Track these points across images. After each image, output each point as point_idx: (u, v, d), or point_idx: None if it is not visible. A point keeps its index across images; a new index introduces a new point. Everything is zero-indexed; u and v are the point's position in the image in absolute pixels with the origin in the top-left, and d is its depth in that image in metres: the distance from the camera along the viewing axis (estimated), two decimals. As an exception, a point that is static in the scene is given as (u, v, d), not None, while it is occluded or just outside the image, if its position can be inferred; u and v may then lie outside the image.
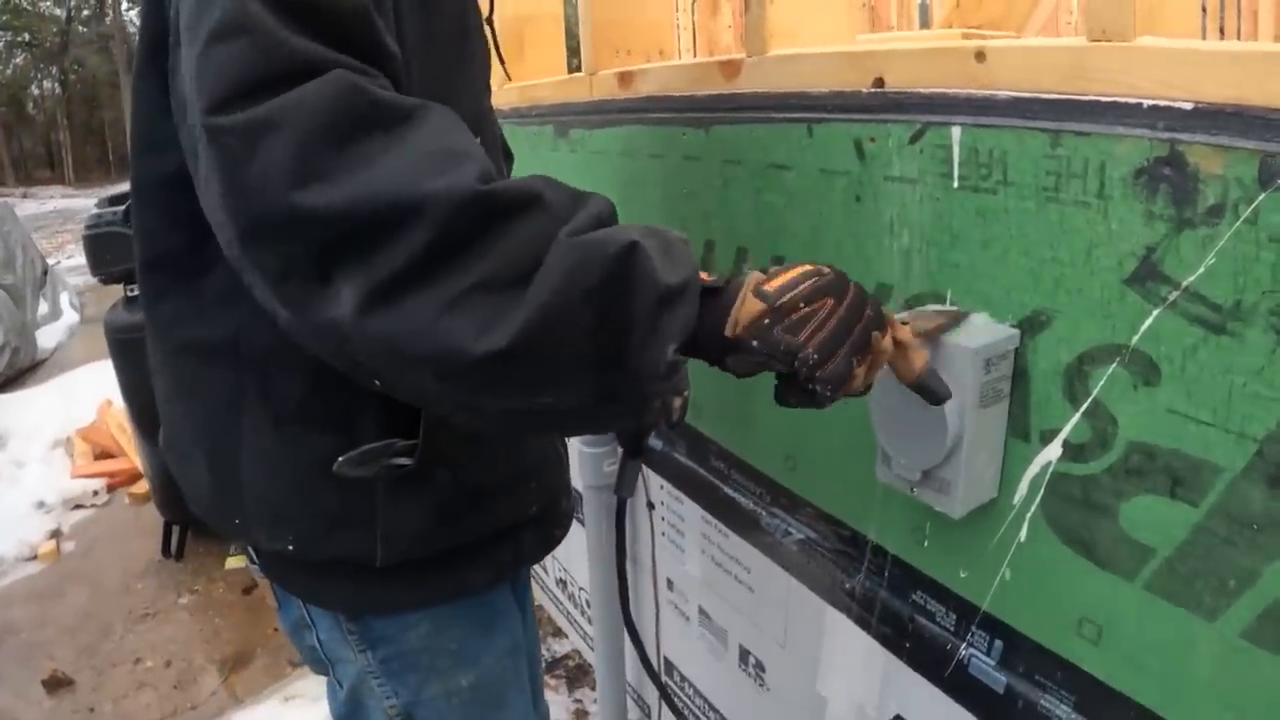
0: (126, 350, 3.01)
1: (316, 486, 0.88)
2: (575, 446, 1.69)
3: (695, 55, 3.34)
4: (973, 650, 0.99)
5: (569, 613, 2.37)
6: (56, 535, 3.53)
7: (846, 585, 1.17)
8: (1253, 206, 0.66)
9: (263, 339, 0.86)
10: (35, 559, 3.36)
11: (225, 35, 0.64)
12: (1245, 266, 0.68)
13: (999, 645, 0.96)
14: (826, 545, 1.21)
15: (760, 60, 1.15)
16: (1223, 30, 3.40)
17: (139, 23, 0.88)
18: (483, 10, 1.05)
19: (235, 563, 3.19)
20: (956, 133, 0.89)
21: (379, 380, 0.70)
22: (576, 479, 1.64)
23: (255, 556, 1.03)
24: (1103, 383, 0.81)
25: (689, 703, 1.72)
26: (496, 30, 1.81)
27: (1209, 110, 0.68)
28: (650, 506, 1.70)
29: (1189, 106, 0.69)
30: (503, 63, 1.90)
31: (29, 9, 33.25)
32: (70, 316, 7.40)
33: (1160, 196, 0.72)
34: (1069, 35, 2.96)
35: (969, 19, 1.63)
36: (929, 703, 1.05)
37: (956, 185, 0.91)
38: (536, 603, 2.39)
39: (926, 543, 1.04)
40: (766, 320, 0.71)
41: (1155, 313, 0.75)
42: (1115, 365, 0.79)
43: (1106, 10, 0.74)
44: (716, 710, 1.62)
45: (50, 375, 5.59)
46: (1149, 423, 0.77)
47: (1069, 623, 0.88)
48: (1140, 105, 0.72)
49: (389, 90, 0.68)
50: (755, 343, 0.71)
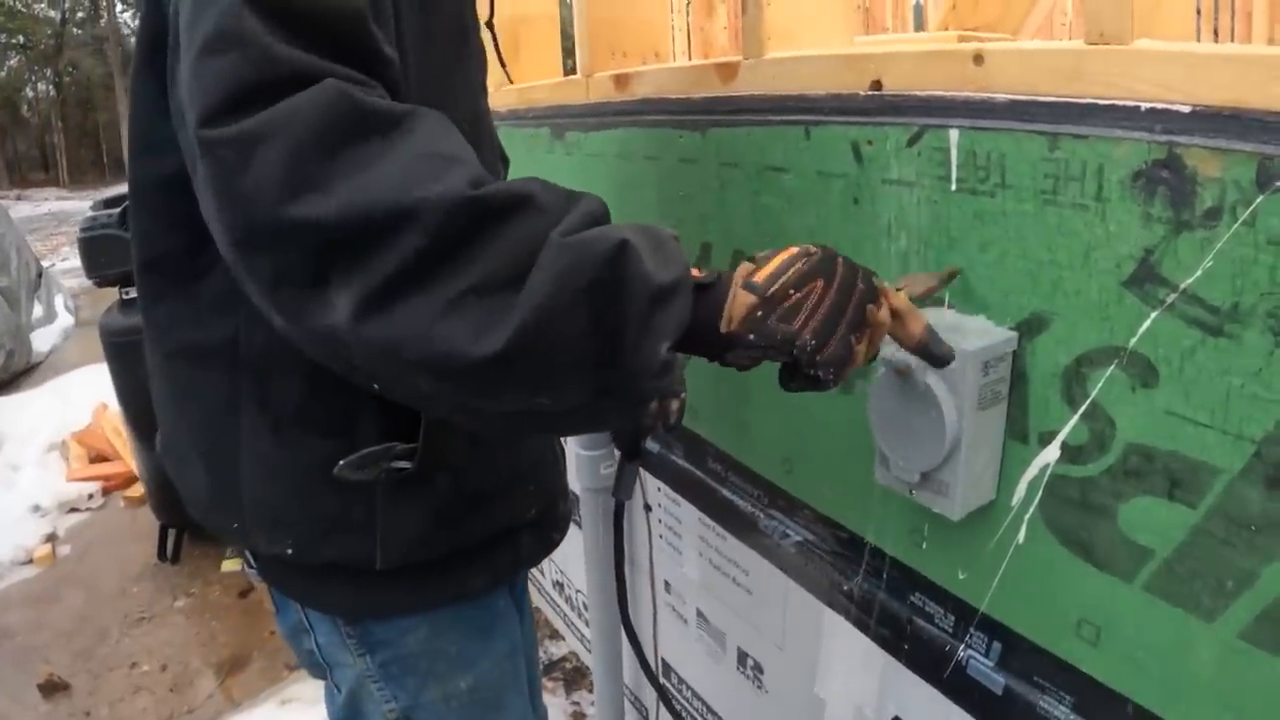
0: (122, 353, 3.00)
1: (316, 490, 0.88)
2: (572, 449, 1.69)
3: (690, 57, 3.34)
4: (971, 651, 0.99)
5: (566, 615, 2.37)
6: (52, 539, 3.51)
7: (845, 587, 1.17)
8: (1250, 209, 0.66)
9: (261, 342, 0.86)
10: (31, 563, 3.35)
11: (217, 47, 0.64)
12: (1243, 269, 0.68)
13: (997, 646, 0.96)
14: (825, 547, 1.21)
15: (757, 62, 1.15)
16: (1217, 32, 3.41)
17: (137, 23, 0.88)
18: (482, 13, 1.06)
19: (231, 566, 3.18)
20: (954, 135, 0.90)
21: (377, 384, 0.70)
22: (574, 482, 1.64)
23: (253, 560, 1.02)
24: (1101, 385, 0.81)
25: (687, 705, 1.72)
26: (495, 31, 1.81)
27: (1207, 113, 0.68)
28: (648, 509, 1.70)
29: (1187, 109, 0.69)
30: (503, 65, 1.91)
31: (23, 11, 33.17)
32: (65, 319, 7.38)
33: (1158, 199, 0.73)
34: (1063, 38, 2.97)
35: (965, 21, 1.63)
36: (927, 704, 1.05)
37: (954, 188, 0.91)
38: (533, 605, 2.39)
39: (925, 544, 1.04)
40: (759, 312, 0.71)
41: (1153, 315, 0.75)
42: (1113, 367, 0.79)
43: (1105, 13, 0.74)
44: (714, 712, 1.62)
45: (45, 378, 5.56)
46: (1147, 424, 0.78)
47: (1067, 624, 0.88)
48: (1138, 108, 0.73)
49: (382, 98, 0.68)
50: (751, 336, 0.71)
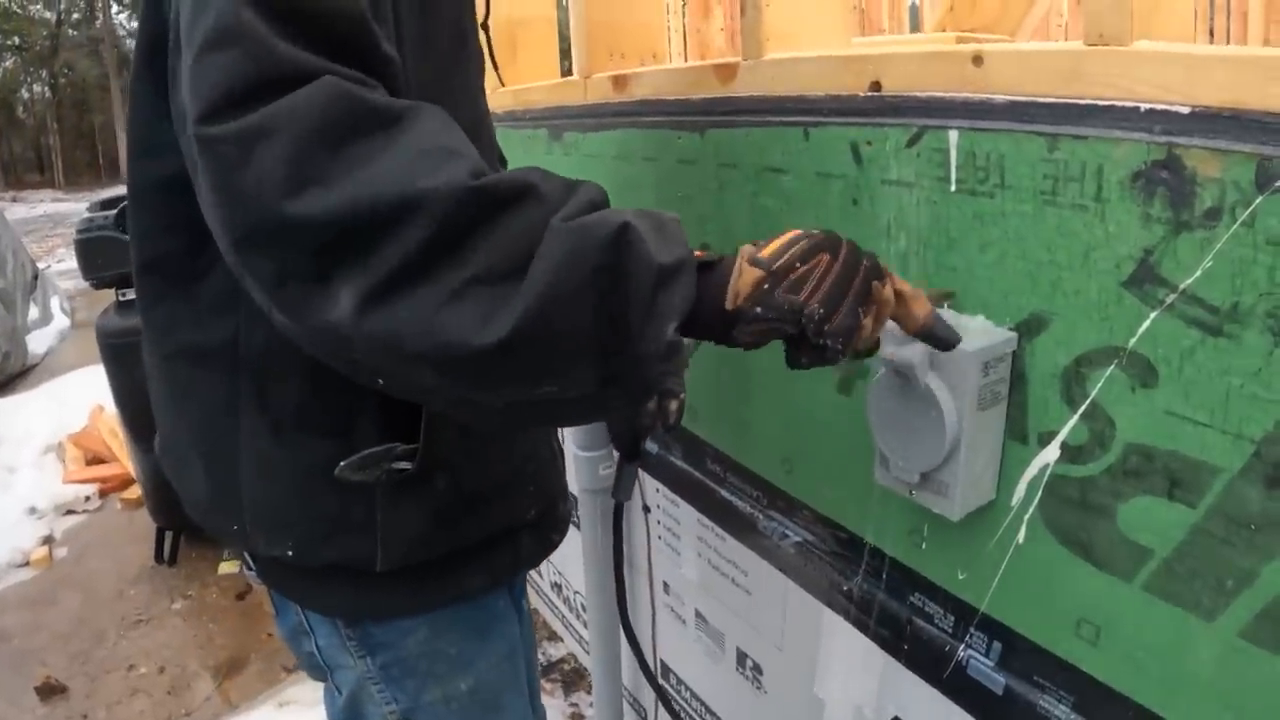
0: (119, 355, 2.99)
1: (316, 490, 0.87)
2: (571, 450, 1.69)
3: (686, 58, 3.34)
4: (971, 651, 0.99)
5: (564, 616, 2.37)
6: (49, 541, 3.51)
7: (844, 587, 1.17)
8: (1250, 209, 0.67)
9: (260, 342, 0.85)
10: (27, 565, 3.34)
11: (218, 44, 0.64)
12: (1242, 269, 0.68)
13: (997, 646, 0.96)
14: (824, 548, 1.21)
15: (756, 64, 1.15)
16: (1212, 32, 3.41)
17: (137, 25, 0.88)
18: (478, 14, 1.05)
19: (228, 568, 3.17)
20: (954, 136, 0.90)
21: (380, 380, 0.70)
22: (572, 483, 1.64)
23: (252, 562, 1.02)
24: (1100, 385, 0.81)
25: (686, 706, 1.72)
26: (490, 32, 1.81)
27: (1206, 114, 0.68)
28: (646, 510, 1.70)
29: (1186, 110, 0.69)
30: (496, 68, 1.91)
31: (18, 12, 33.10)
32: (61, 321, 7.36)
33: (1158, 200, 0.73)
34: (1059, 38, 2.98)
35: (962, 22, 1.64)
36: (927, 704, 1.06)
37: (954, 189, 0.91)
38: (531, 606, 2.39)
39: (924, 545, 1.04)
40: (766, 285, 0.71)
41: (1153, 315, 0.75)
42: (1113, 367, 0.79)
43: (1104, 14, 0.74)
44: (713, 713, 1.62)
45: (41, 380, 5.55)
46: (1147, 424, 0.78)
47: (1067, 623, 0.88)
48: (1137, 109, 0.73)
49: (382, 95, 0.68)
50: (758, 309, 0.70)
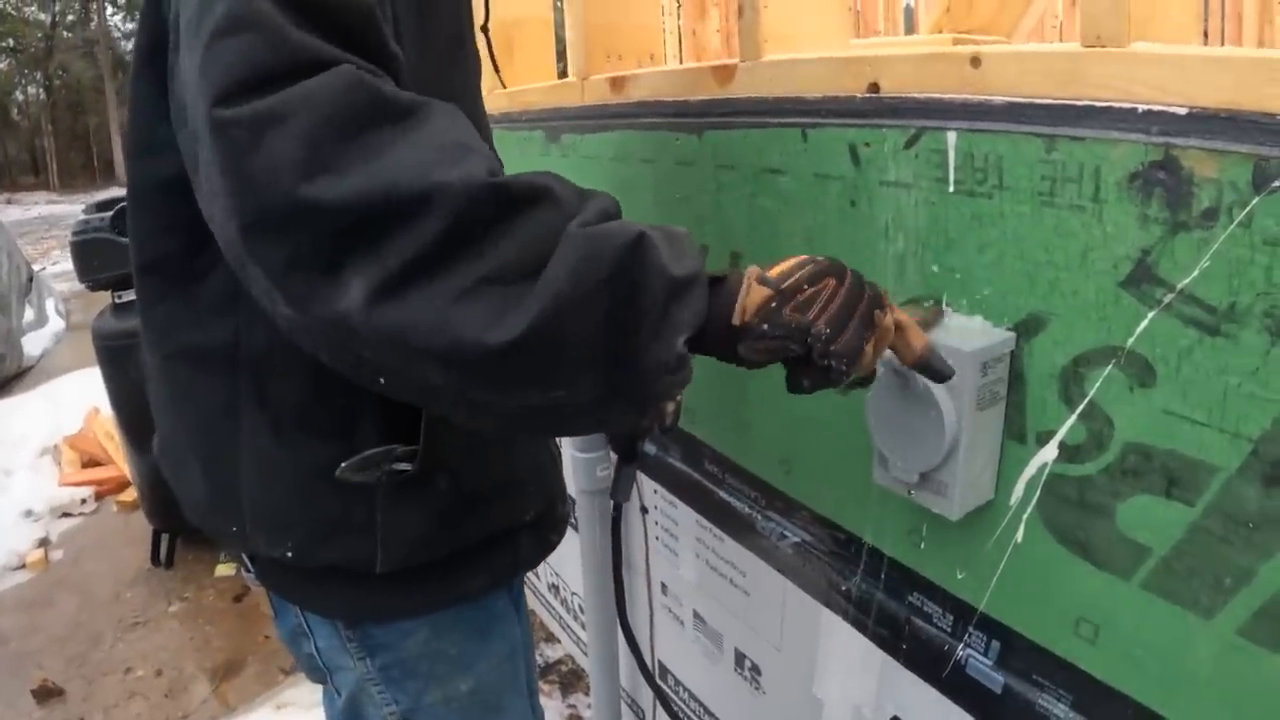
0: (115, 357, 2.99)
1: (316, 492, 0.87)
2: (569, 452, 1.69)
3: (681, 60, 3.34)
4: (970, 651, 0.99)
5: (562, 618, 2.37)
6: (45, 544, 3.50)
7: (843, 588, 1.17)
8: (1247, 210, 0.67)
9: (260, 344, 0.85)
10: (24, 568, 3.34)
11: (231, 30, 0.64)
12: (1239, 269, 0.69)
13: (996, 645, 0.97)
14: (822, 548, 1.22)
15: (754, 65, 1.16)
16: (1206, 34, 3.42)
17: (136, 25, 0.87)
18: (477, 17, 1.05)
19: (225, 570, 3.17)
20: (952, 137, 0.90)
21: (383, 378, 0.69)
22: (570, 484, 1.64)
23: (250, 564, 1.02)
24: (1099, 384, 0.81)
25: (684, 707, 1.72)
26: (490, 35, 1.81)
27: (1203, 115, 0.68)
28: (644, 511, 1.70)
29: (1183, 111, 0.70)
30: (497, 70, 1.91)
31: (13, 14, 33.04)
32: (56, 323, 7.35)
33: (1155, 200, 0.73)
34: (1054, 39, 2.98)
35: (959, 24, 1.64)
36: (926, 704, 1.06)
37: (952, 190, 0.92)
38: (529, 608, 2.39)
39: (923, 544, 1.04)
40: (774, 304, 0.71)
41: (1150, 315, 0.75)
42: (1111, 367, 0.80)
43: (1101, 16, 0.74)
44: (712, 714, 1.63)
45: (37, 382, 5.54)
46: (1145, 424, 0.78)
47: (1066, 622, 0.88)
48: (1135, 110, 0.73)
49: (396, 87, 0.68)
50: (765, 326, 0.71)
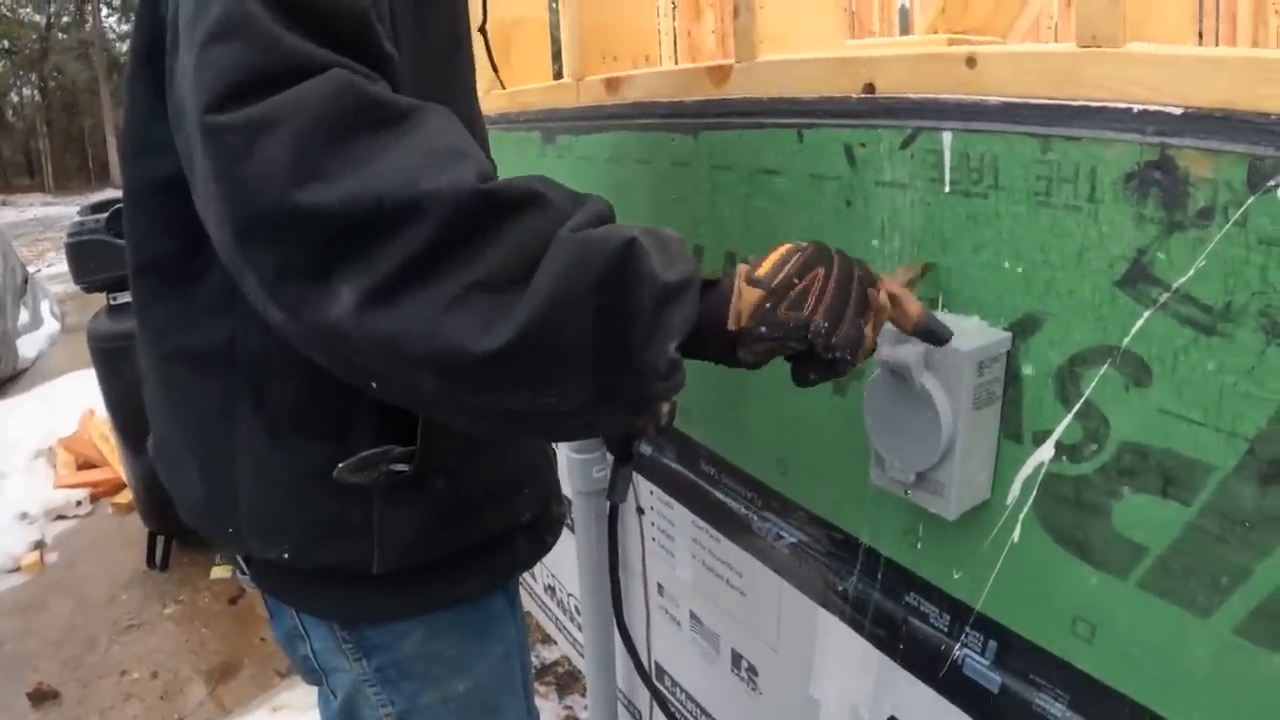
0: (110, 359, 2.99)
1: (313, 493, 0.87)
2: (564, 453, 1.69)
3: (677, 61, 3.34)
4: (967, 651, 0.99)
5: (557, 619, 2.37)
6: (40, 546, 3.50)
7: (839, 588, 1.17)
8: (1242, 209, 0.67)
9: (257, 345, 0.85)
10: (19, 570, 3.33)
11: (223, 35, 0.64)
12: (1235, 268, 0.69)
13: (993, 645, 0.97)
14: (819, 548, 1.22)
15: (750, 66, 1.16)
16: (1201, 35, 3.43)
17: (132, 27, 0.87)
18: (475, 18, 1.05)
19: (221, 572, 3.17)
20: (947, 138, 0.90)
21: (376, 383, 0.69)
22: (566, 486, 1.64)
23: (245, 566, 1.02)
24: (1094, 384, 0.81)
25: (681, 708, 1.71)
26: (487, 36, 1.81)
27: (1198, 115, 0.68)
28: (640, 512, 1.70)
29: (1178, 111, 0.70)
30: (496, 71, 1.91)
31: (8, 15, 33.01)
32: (51, 325, 7.34)
33: (1150, 200, 0.73)
34: (1049, 40, 2.99)
35: (954, 24, 1.64)
36: (923, 704, 1.06)
37: (948, 190, 0.92)
38: (525, 609, 2.39)
39: (919, 544, 1.04)
40: (768, 304, 0.71)
41: (1146, 314, 0.76)
42: (1107, 366, 0.80)
43: (1096, 16, 0.74)
44: (708, 715, 1.62)
45: (32, 384, 5.54)
46: (1141, 423, 0.78)
47: (1063, 622, 0.88)
48: (1130, 110, 0.73)
49: (388, 90, 0.68)
50: (763, 328, 0.71)
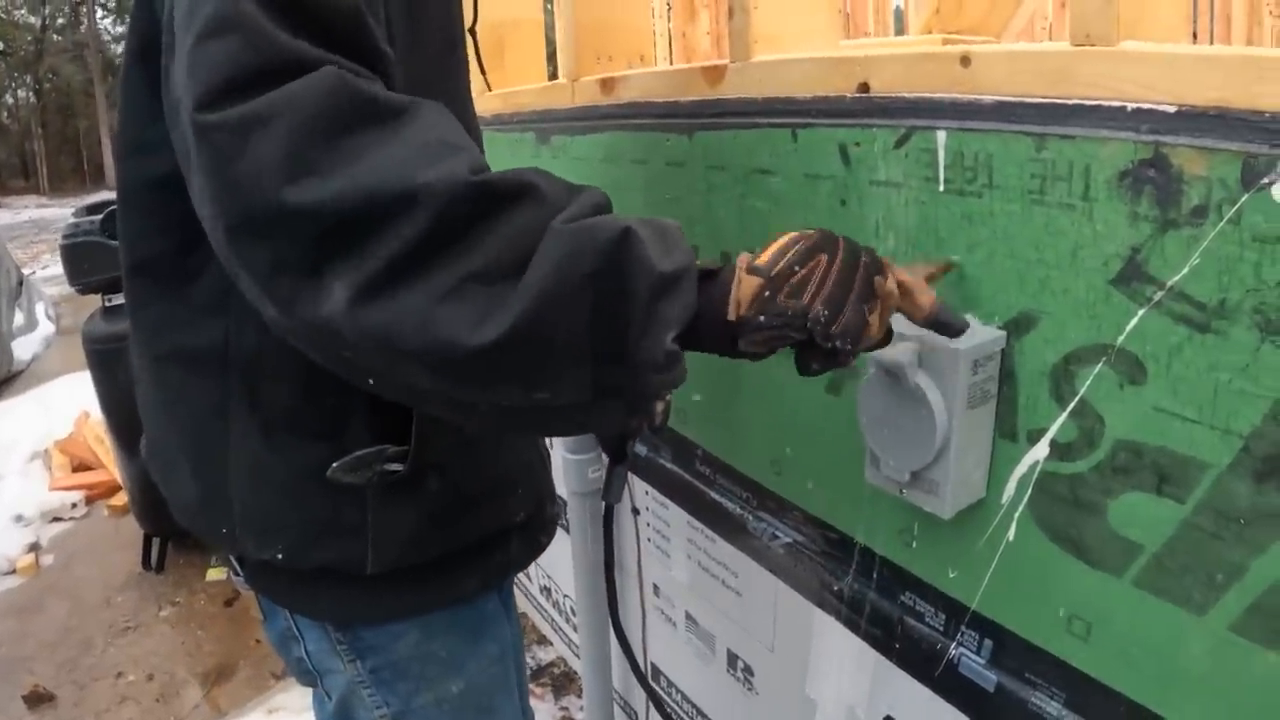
0: (105, 361, 2.98)
1: (307, 493, 0.87)
2: (559, 453, 1.68)
3: (672, 62, 3.34)
4: (963, 649, 0.99)
5: (553, 620, 2.36)
6: (35, 549, 3.49)
7: (835, 587, 1.17)
8: (1236, 207, 0.67)
9: (251, 345, 0.85)
10: (14, 573, 3.32)
11: (216, 32, 0.63)
12: (1229, 266, 0.69)
13: (989, 644, 0.97)
14: (814, 548, 1.21)
15: (744, 66, 1.16)
16: (1195, 34, 3.44)
17: (124, 28, 0.87)
18: (467, 20, 1.05)
19: (216, 574, 3.16)
20: (942, 137, 0.90)
21: (371, 379, 0.69)
22: (561, 486, 1.63)
23: (239, 568, 1.01)
24: (1089, 382, 0.81)
25: (677, 708, 1.71)
26: (478, 37, 1.81)
27: (1192, 113, 0.68)
28: (635, 512, 1.70)
29: (1172, 109, 0.70)
30: (484, 73, 1.91)
31: (3, 17, 32.95)
32: (46, 327, 7.32)
33: (1145, 198, 0.73)
34: (1043, 40, 2.99)
35: (949, 24, 1.64)
36: (920, 703, 1.06)
37: (942, 189, 0.92)
38: (521, 611, 2.38)
39: (915, 544, 1.04)
40: (767, 293, 0.70)
41: (1141, 312, 0.76)
42: (1101, 365, 0.80)
43: (1090, 15, 0.74)
44: (705, 715, 1.62)
45: (27, 387, 5.53)
46: (1136, 421, 0.78)
47: (1058, 620, 0.88)
48: (1124, 108, 0.73)
49: (382, 88, 0.68)
50: (762, 317, 0.70)
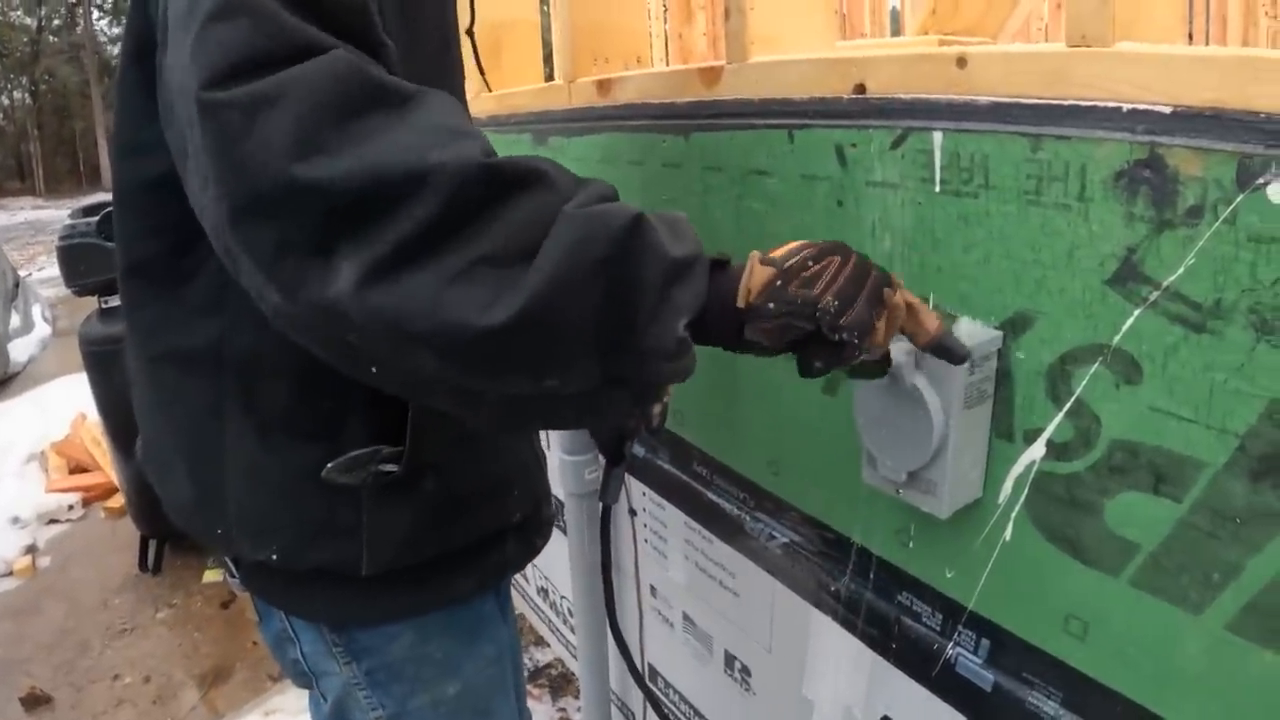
0: (102, 363, 2.98)
1: (302, 494, 0.87)
2: (556, 455, 1.68)
3: (668, 63, 3.34)
4: (960, 649, 1.00)
5: (550, 621, 2.36)
6: (32, 551, 3.49)
7: (832, 588, 1.17)
8: (1231, 207, 0.67)
9: (247, 345, 0.85)
10: (11, 575, 3.32)
11: (225, 15, 0.63)
12: (1224, 266, 0.69)
13: (986, 644, 0.97)
14: (811, 549, 1.22)
15: (741, 67, 1.16)
16: (1191, 35, 3.44)
17: (120, 30, 0.88)
18: (463, 21, 1.05)
19: (213, 576, 3.16)
20: (938, 138, 0.90)
21: (375, 366, 0.67)
22: (558, 487, 1.63)
23: (235, 569, 1.01)
24: (1085, 382, 0.81)
25: (674, 709, 1.71)
26: (475, 39, 1.81)
27: (1188, 113, 0.69)
28: (632, 513, 1.70)
29: (1168, 110, 0.70)
30: (482, 73, 1.91)
31: (-1, 18, 32.95)
32: (43, 329, 7.32)
33: (1140, 198, 0.73)
34: (1039, 41, 2.99)
35: (945, 25, 1.64)
36: (917, 703, 1.06)
37: (938, 190, 0.92)
38: (518, 612, 2.38)
39: (912, 544, 1.04)
40: (779, 282, 0.70)
41: (1136, 312, 0.76)
42: (1097, 365, 0.80)
43: (1086, 16, 0.75)
44: (702, 716, 1.62)
45: (23, 389, 5.52)
46: (1132, 421, 0.78)
47: (1055, 620, 0.88)
48: (1120, 109, 0.73)
49: (389, 75, 0.68)
50: (771, 305, 0.70)
